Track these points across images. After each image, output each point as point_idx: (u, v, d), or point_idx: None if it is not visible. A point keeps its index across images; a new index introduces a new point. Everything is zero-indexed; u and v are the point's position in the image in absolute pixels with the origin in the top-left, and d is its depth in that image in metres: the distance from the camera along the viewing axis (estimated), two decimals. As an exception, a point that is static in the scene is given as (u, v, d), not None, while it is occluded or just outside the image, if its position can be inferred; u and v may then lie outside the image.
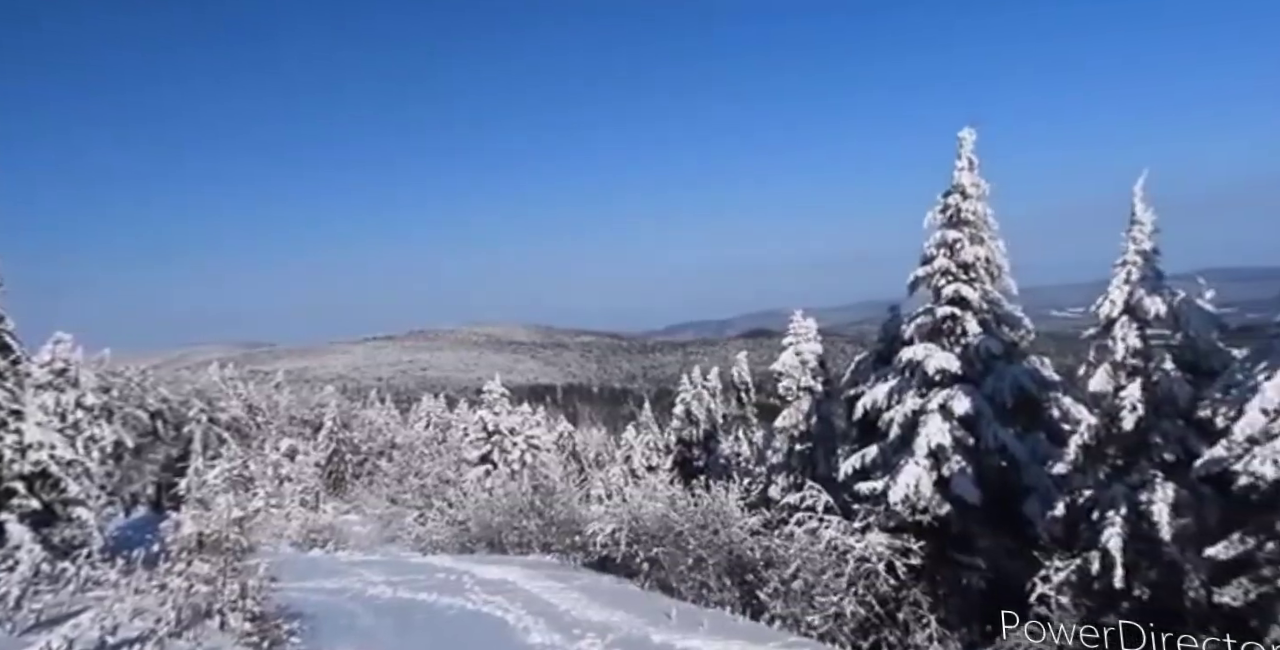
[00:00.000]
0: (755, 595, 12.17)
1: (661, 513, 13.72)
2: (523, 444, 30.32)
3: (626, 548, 13.59)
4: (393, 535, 26.17)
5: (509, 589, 12.85)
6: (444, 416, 49.36)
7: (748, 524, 13.22)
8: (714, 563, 12.73)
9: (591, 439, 50.35)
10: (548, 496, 18.38)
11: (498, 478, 26.56)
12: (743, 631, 10.67)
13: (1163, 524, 9.92)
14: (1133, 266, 10.62)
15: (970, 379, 13.53)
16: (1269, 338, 8.96)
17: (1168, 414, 10.55)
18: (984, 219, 13.53)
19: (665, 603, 11.80)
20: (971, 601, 12.47)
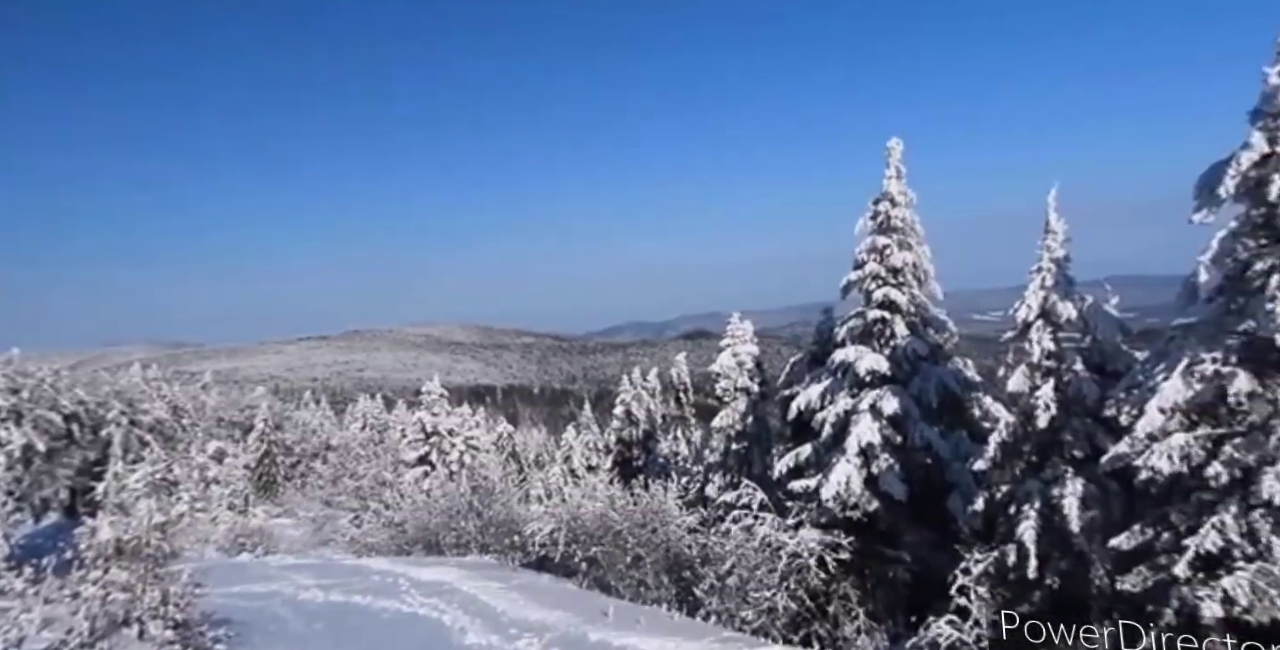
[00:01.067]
0: (692, 592, 12.39)
1: (600, 512, 13.83)
2: (462, 445, 30.03)
3: (565, 547, 13.66)
4: (326, 538, 25.61)
5: (446, 590, 12.77)
6: (381, 417, 48.43)
7: (685, 522, 13.44)
8: (652, 561, 12.90)
9: (531, 440, 50.11)
10: (486, 497, 18.30)
11: (436, 479, 26.27)
12: (679, 628, 10.87)
13: (1072, 517, 10.51)
14: (1047, 273, 11.22)
15: (899, 380, 14.07)
16: (1166, 341, 9.59)
17: (1077, 413, 11.18)
18: (911, 226, 14.10)
19: (603, 601, 11.91)
20: (897, 593, 12.97)
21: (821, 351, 15.94)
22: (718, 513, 14.06)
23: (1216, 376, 8.78)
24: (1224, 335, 8.94)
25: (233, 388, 58.99)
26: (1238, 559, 8.43)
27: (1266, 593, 8.02)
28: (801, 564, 12.43)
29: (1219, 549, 8.49)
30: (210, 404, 43.90)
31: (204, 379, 50.29)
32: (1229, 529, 8.49)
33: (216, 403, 44.65)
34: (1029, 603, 10.92)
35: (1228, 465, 8.60)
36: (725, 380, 18.49)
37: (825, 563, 12.45)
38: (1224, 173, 8.31)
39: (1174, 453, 8.93)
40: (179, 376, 54.53)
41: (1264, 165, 8.19)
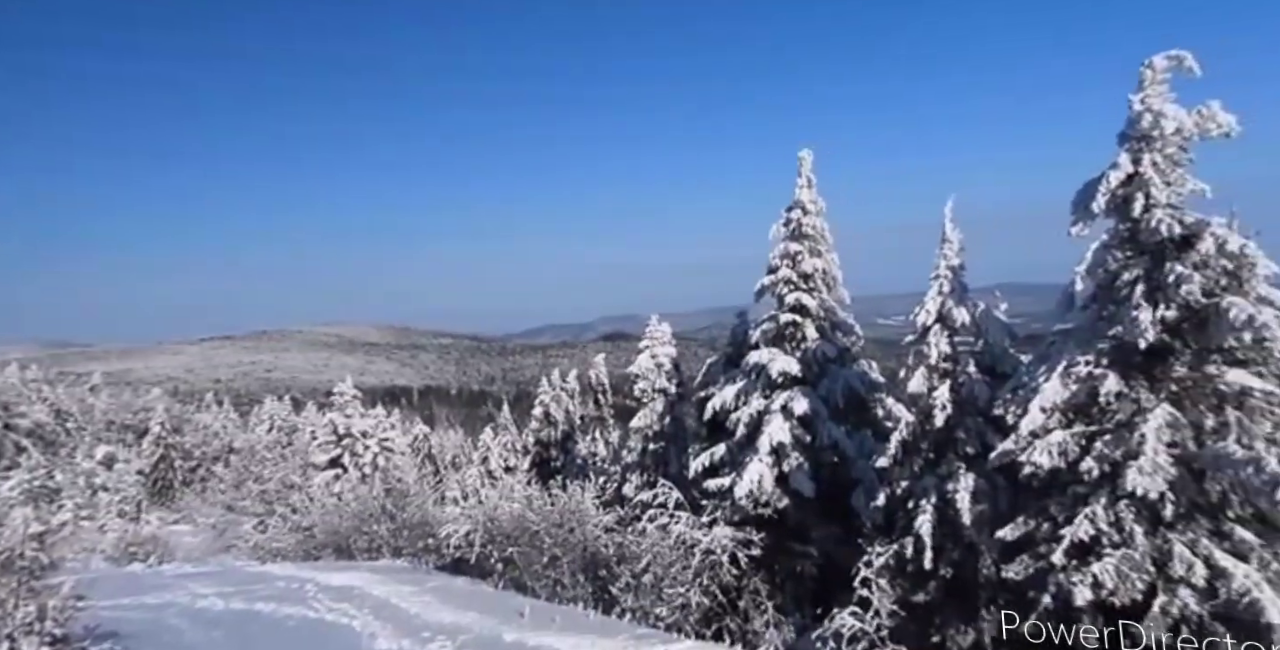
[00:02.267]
0: (608, 590, 12.53)
1: (518, 513, 13.82)
2: (375, 447, 29.30)
3: (481, 548, 13.58)
4: (228, 544, 24.55)
5: (356, 595, 12.49)
6: (290, 419, 46.68)
7: (602, 522, 13.57)
8: (568, 560, 12.99)
9: (448, 441, 49.29)
10: (401, 500, 17.96)
11: (348, 482, 25.54)
12: (594, 627, 10.99)
13: (964, 510, 11.20)
14: (944, 280, 11.92)
15: (809, 381, 14.63)
16: (1047, 345, 10.36)
17: (970, 412, 11.92)
18: (822, 233, 14.70)
19: (519, 602, 11.92)
20: (805, 587, 13.49)
21: (736, 353, 16.37)
22: (635, 512, 14.26)
23: (1089, 378, 9.53)
24: (1096, 340, 9.70)
25: (125, 390, 55.74)
26: (1106, 546, 9.14)
27: (1129, 576, 8.74)
28: (715, 561, 12.75)
29: (1090, 537, 9.18)
30: (99, 407, 41.37)
31: (92, 380, 47.31)
32: (1099, 519, 9.21)
33: (106, 405, 42.12)
34: (925, 592, 11.57)
35: (1098, 460, 9.31)
36: (643, 381, 18.73)
37: (737, 559, 12.81)
38: (1096, 190, 9.06)
39: (1053, 449, 9.58)
40: (64, 378, 51.08)
41: (1129, 184, 8.97)
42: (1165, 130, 8.53)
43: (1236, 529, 8.55)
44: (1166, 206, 8.77)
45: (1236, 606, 8.01)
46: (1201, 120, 8.44)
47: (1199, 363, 8.91)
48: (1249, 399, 8.54)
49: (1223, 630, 8.16)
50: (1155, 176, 8.72)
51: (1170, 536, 8.82)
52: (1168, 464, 8.76)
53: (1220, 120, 8.39)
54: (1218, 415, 8.72)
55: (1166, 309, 8.93)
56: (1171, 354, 9.09)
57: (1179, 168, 8.79)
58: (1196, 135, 8.60)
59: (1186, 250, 8.67)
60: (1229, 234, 8.40)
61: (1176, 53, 8.51)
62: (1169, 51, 8.53)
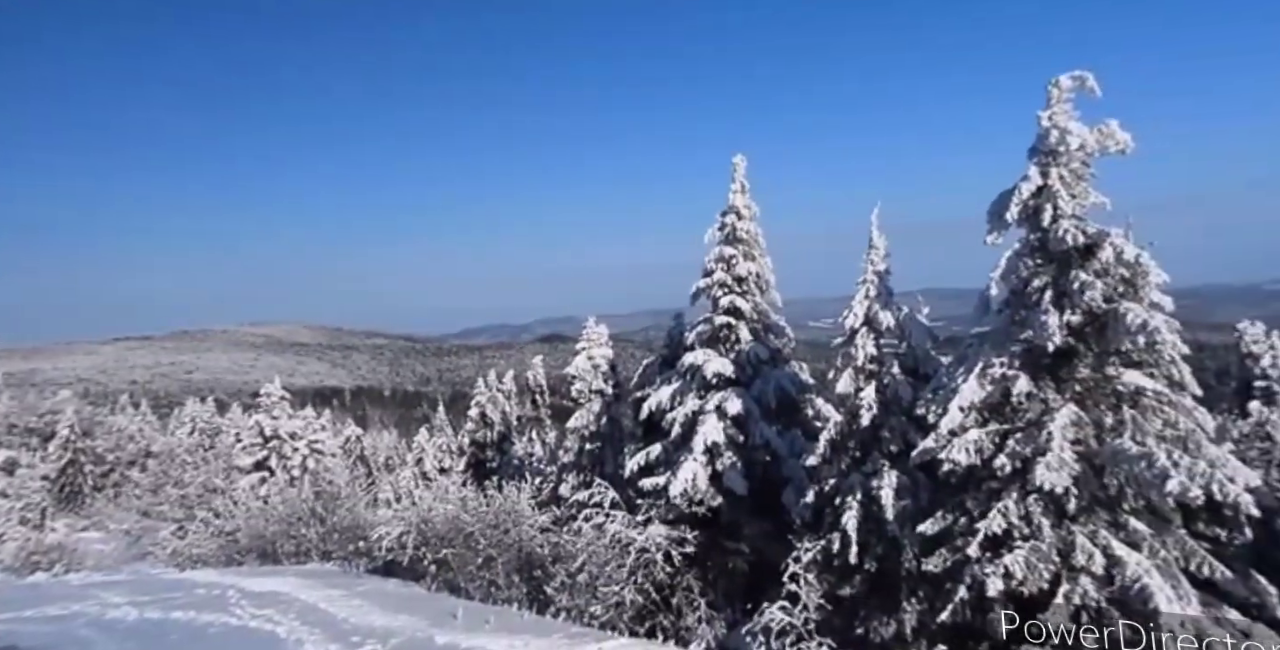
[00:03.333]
0: (543, 590, 12.58)
1: (452, 514, 13.74)
2: (305, 449, 28.56)
3: (414, 551, 13.45)
4: (143, 552, 23.53)
5: (282, 600, 12.19)
6: (213, 422, 45.01)
7: (538, 522, 13.61)
8: (503, 561, 12.98)
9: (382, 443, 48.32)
10: (331, 502, 17.60)
11: (275, 485, 24.84)
12: (528, 626, 11.01)
13: (888, 506, 11.65)
14: (870, 284, 12.38)
15: (742, 382, 14.95)
16: (965, 348, 10.86)
17: (895, 412, 12.40)
18: (755, 237, 15.07)
19: (452, 603, 11.84)
20: (737, 583, 13.78)
21: (672, 355, 16.61)
22: (571, 511, 14.35)
23: (1003, 379, 10.04)
24: (1010, 343, 10.22)
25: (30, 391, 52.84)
26: (1016, 539, 9.63)
27: (1036, 567, 9.24)
28: (649, 559, 12.94)
29: (1002, 530, 9.65)
30: (-1, 409, 39.07)
31: (-6, 380, 44.65)
32: (1010, 513, 9.70)
33: (8, 407, 39.80)
34: (850, 586, 11.98)
35: (1010, 457, 9.80)
36: (580, 382, 18.80)
37: (671, 557, 13.04)
38: (1009, 201, 9.59)
39: (970, 447, 10.05)
40: (-40, 379, 47.99)
41: (1039, 195, 9.53)
42: (1070, 146, 9.11)
43: (1131, 520, 9.15)
44: (1072, 217, 9.35)
45: (1129, 592, 8.58)
46: (1102, 137, 9.05)
47: (1100, 364, 9.50)
48: (1143, 398, 9.17)
49: (1117, 615, 8.71)
50: (1062, 189, 9.29)
51: (1074, 528, 9.36)
52: (1072, 460, 9.30)
53: (1118, 138, 9.00)
54: (1116, 414, 9.31)
55: (1072, 314, 9.49)
56: (1076, 356, 9.67)
57: (1083, 181, 9.39)
58: (1098, 151, 9.21)
59: (1089, 259, 9.26)
60: (1126, 244, 9.01)
61: (1080, 73, 9.09)
62: (1073, 72, 9.11)
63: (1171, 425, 8.94)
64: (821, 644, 10.45)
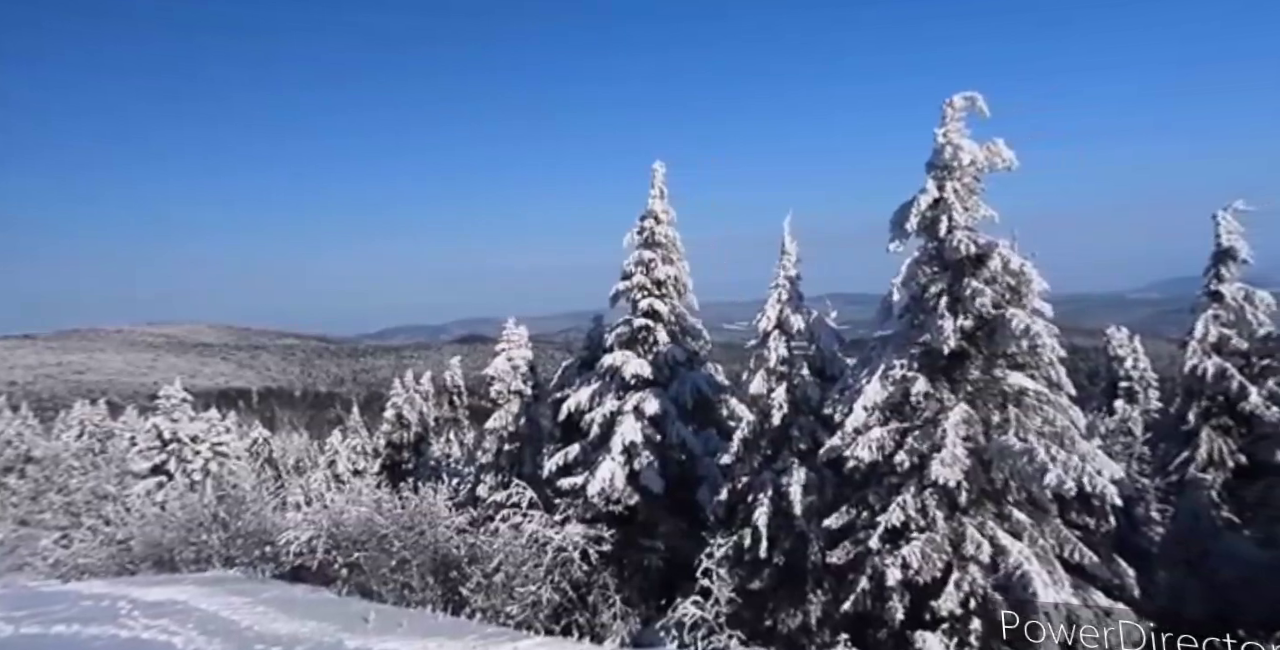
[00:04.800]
0: (458, 591, 12.49)
1: (366, 516, 13.47)
2: (207, 452, 27.34)
3: (325, 555, 13.14)
4: (20, 563, 21.99)
5: (178, 610, 11.65)
6: (104, 425, 42.47)
7: (455, 523, 13.49)
8: (418, 563, 12.82)
9: (291, 445, 46.63)
10: (235, 507, 16.92)
11: (174, 490, 23.67)
12: (442, 628, 10.94)
13: (796, 502, 12.12)
14: (782, 289, 12.85)
15: (660, 383, 15.25)
16: (869, 350, 11.44)
17: (804, 411, 12.90)
18: (673, 242, 15.40)
19: (363, 607, 11.64)
20: (652, 580, 14.05)
21: (592, 356, 16.77)
22: (488, 512, 14.28)
23: (903, 380, 10.62)
24: (910, 346, 10.82)
25: (-108, 393, 48.56)
26: (914, 531, 10.22)
27: (931, 557, 9.84)
28: (566, 558, 13.02)
29: (901, 523, 10.22)
30: None
31: None
32: (908, 506, 10.27)
33: None
34: (760, 579, 12.41)
35: (909, 453, 10.40)
36: (499, 383, 18.72)
37: (588, 555, 13.15)
38: (909, 212, 10.18)
39: (873, 444, 10.59)
40: None
41: (936, 207, 10.15)
42: (963, 162, 9.76)
43: (1014, 511, 9.86)
44: (965, 228, 10.00)
45: (1012, 579, 9.24)
46: (990, 154, 9.73)
47: (989, 366, 10.19)
48: (1026, 398, 9.89)
49: (1001, 600, 9.37)
50: (956, 202, 9.92)
51: (964, 520, 10.01)
52: (964, 456, 9.93)
53: (1004, 155, 9.70)
54: (1002, 412, 10.01)
55: (965, 319, 10.14)
56: (968, 358, 10.34)
57: (974, 195, 10.06)
58: (987, 167, 9.89)
59: (980, 267, 9.93)
60: (1012, 254, 9.71)
61: (970, 94, 9.76)
62: (965, 92, 9.77)
63: (1050, 423, 9.67)
64: (731, 636, 10.77)
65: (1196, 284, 15.66)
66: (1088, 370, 31.44)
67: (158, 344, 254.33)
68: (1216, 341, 15.12)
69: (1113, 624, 8.52)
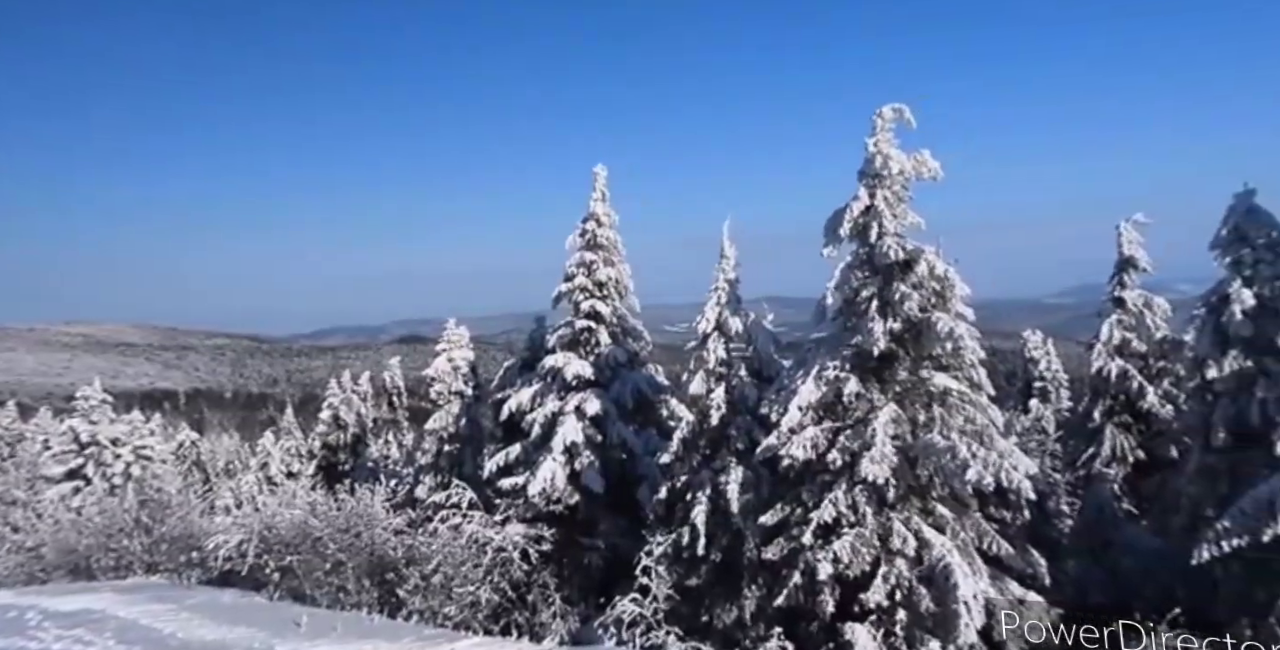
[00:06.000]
0: (395, 594, 12.37)
1: (300, 519, 13.22)
2: (129, 455, 26.31)
3: (256, 559, 12.85)
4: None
5: (94, 619, 11.17)
6: (13, 428, 40.32)
7: (392, 524, 13.34)
8: (354, 566, 12.64)
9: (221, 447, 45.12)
10: (159, 511, 16.37)
11: (91, 495, 22.70)
12: (379, 630, 10.83)
13: (733, 500, 12.39)
14: (721, 292, 13.13)
15: (601, 384, 15.38)
16: (804, 352, 11.79)
17: (741, 411, 13.19)
18: (615, 244, 15.58)
19: (296, 611, 11.42)
20: (592, 578, 14.16)
21: (533, 357, 16.80)
22: (427, 513, 14.15)
23: (836, 381, 10.99)
24: (842, 347, 11.21)
25: None
26: (844, 526, 10.58)
27: (860, 551, 10.21)
28: (506, 557, 13.01)
29: (833, 519, 10.58)
30: None
31: None
32: (840, 502, 10.63)
33: None
34: (697, 576, 12.63)
35: (841, 452, 10.76)
36: (440, 384, 18.59)
37: (528, 555, 13.17)
38: (843, 218, 10.56)
39: (807, 443, 10.92)
40: None
41: (867, 214, 10.56)
42: (892, 171, 10.19)
43: (938, 506, 10.31)
44: (894, 235, 10.43)
45: (934, 571, 9.67)
46: (917, 164, 10.19)
47: (916, 367, 10.64)
48: (949, 398, 10.36)
49: (925, 592, 9.80)
50: (886, 209, 10.34)
51: (892, 515, 10.41)
52: (892, 454, 10.33)
53: (930, 166, 10.17)
54: (927, 411, 10.46)
55: (894, 322, 10.57)
56: (896, 360, 10.76)
57: (903, 203, 10.51)
58: (914, 176, 10.34)
59: (908, 272, 10.36)
60: (937, 260, 10.18)
61: (898, 105, 10.21)
62: (893, 104, 10.21)
63: (971, 421, 10.16)
64: (669, 632, 10.95)
65: (1104, 290, 16.69)
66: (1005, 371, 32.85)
67: (74, 343, 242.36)
68: (1119, 344, 16.14)
69: (1026, 612, 9.02)
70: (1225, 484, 11.04)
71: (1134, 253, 16.12)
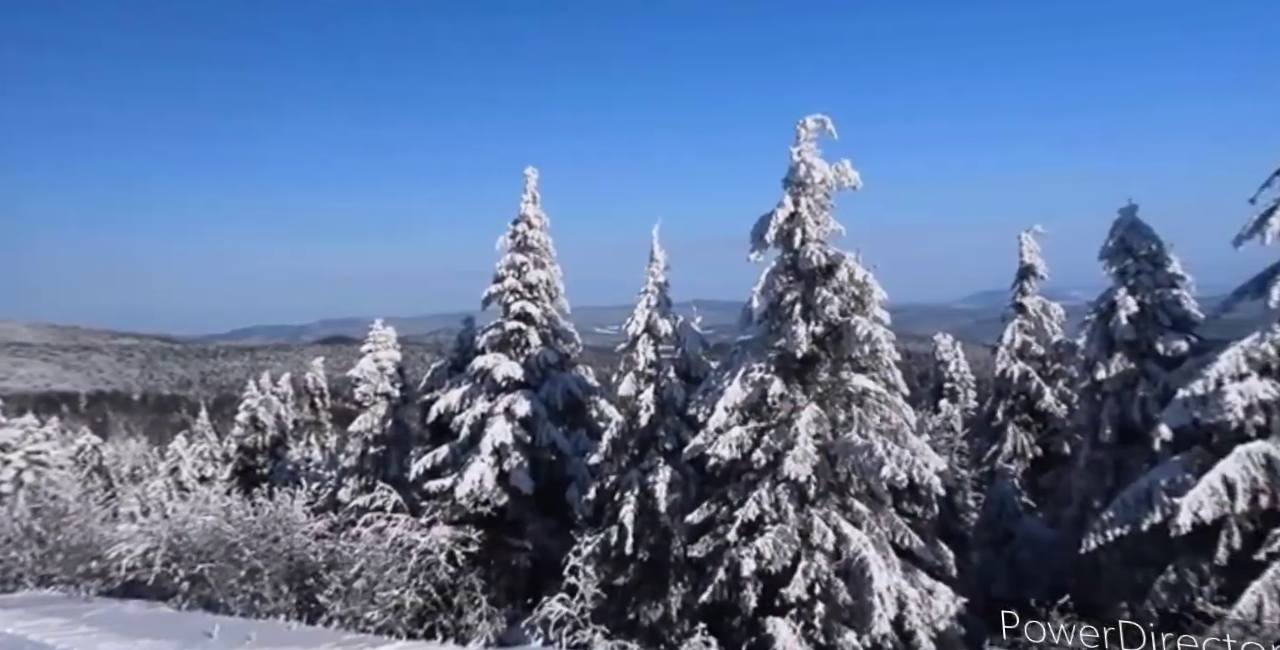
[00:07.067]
0: (314, 599, 12.10)
1: (213, 525, 12.81)
2: (20, 461, 24.85)
3: (164, 568, 12.39)
4: None
5: (-25, 637, 10.60)
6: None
7: (313, 528, 13.06)
8: (271, 572, 12.30)
9: (127, 452, 42.88)
10: (55, 520, 15.55)
11: (-22, 504, 21.31)
12: (296, 638, 10.59)
13: (661, 499, 12.55)
14: (651, 295, 13.31)
15: (531, 385, 15.36)
16: (731, 354, 12.06)
17: (670, 412, 13.38)
18: (546, 246, 15.62)
19: (207, 621, 11.07)
20: (520, 579, 14.13)
21: (462, 358, 16.65)
22: (350, 517, 13.88)
23: (761, 382, 11.29)
24: (767, 350, 11.51)
25: None
26: (767, 523, 10.87)
27: (782, 547, 10.51)
28: (432, 560, 12.89)
29: (756, 516, 10.85)
30: None
31: None
32: (763, 500, 10.92)
33: None
34: (625, 575, 12.76)
35: (765, 451, 11.04)
36: (365, 385, 18.21)
37: (455, 557, 13.08)
38: (768, 224, 10.88)
39: (733, 442, 11.16)
40: None
41: (792, 221, 10.92)
42: (815, 179, 10.57)
43: (855, 503, 10.72)
44: (817, 241, 10.82)
45: (852, 564, 10.06)
46: (838, 174, 10.60)
47: (836, 369, 11.04)
48: (867, 398, 10.79)
49: (842, 585, 10.17)
50: (809, 216, 10.72)
51: (812, 512, 10.76)
52: (814, 452, 10.69)
53: (851, 175, 10.60)
54: (847, 411, 10.87)
55: (816, 325, 10.94)
56: (818, 362, 11.15)
57: (825, 211, 10.91)
58: (836, 185, 10.75)
59: (829, 278, 10.76)
60: (857, 266, 10.61)
61: (821, 116, 10.62)
62: (816, 115, 10.60)
63: (887, 421, 10.62)
64: (595, 631, 11.06)
65: (1007, 296, 17.73)
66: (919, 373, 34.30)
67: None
68: (1020, 348, 17.19)
69: (934, 602, 9.47)
70: (1111, 477, 11.85)
71: (1033, 261, 17.16)
